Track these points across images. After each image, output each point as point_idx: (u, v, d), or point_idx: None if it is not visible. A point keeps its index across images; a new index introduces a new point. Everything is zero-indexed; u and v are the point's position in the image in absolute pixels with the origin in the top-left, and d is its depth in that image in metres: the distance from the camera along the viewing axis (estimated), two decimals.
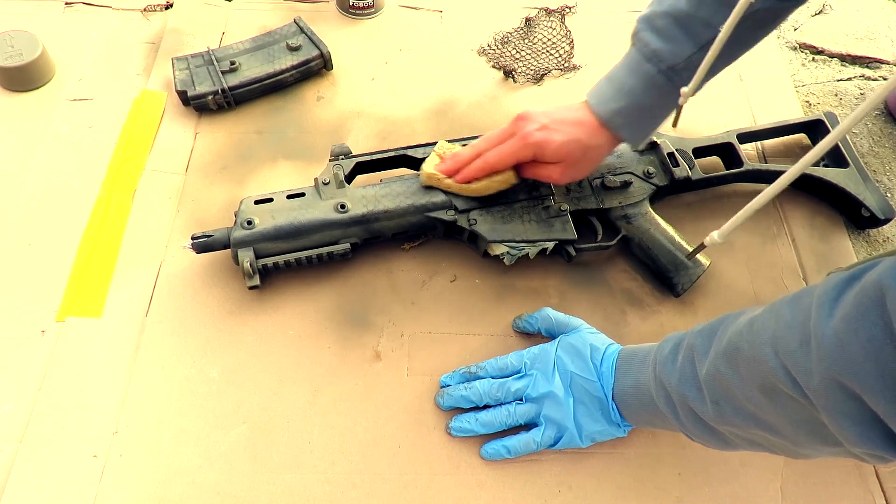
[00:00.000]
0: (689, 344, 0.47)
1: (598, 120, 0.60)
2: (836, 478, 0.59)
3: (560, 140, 0.59)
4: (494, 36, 0.88)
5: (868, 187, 0.72)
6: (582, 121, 0.60)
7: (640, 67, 0.57)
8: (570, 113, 0.61)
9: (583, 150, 0.60)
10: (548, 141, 0.59)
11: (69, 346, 0.61)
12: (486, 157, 0.62)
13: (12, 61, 0.75)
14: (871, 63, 0.91)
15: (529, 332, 0.64)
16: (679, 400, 0.47)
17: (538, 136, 0.59)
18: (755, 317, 0.42)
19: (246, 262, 0.61)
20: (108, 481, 0.56)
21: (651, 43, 0.56)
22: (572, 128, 0.60)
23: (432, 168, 0.64)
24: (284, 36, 0.81)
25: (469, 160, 0.63)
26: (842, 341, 0.34)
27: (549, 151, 0.60)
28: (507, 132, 0.62)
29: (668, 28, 0.56)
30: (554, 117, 0.60)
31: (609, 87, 0.60)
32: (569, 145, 0.59)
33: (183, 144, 0.75)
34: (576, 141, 0.60)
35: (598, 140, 0.60)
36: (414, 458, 0.58)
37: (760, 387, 0.40)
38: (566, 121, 0.60)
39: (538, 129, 0.60)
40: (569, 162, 0.61)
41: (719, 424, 0.45)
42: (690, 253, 0.58)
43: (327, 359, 0.63)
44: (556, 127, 0.60)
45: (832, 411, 0.35)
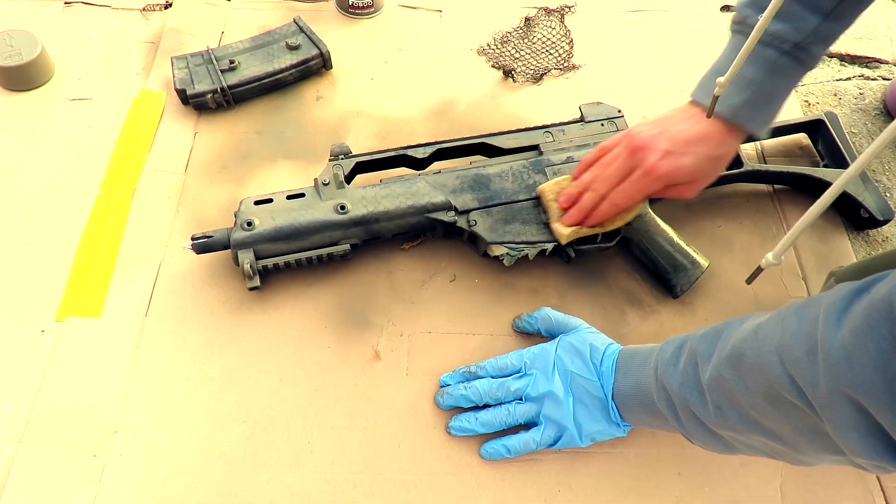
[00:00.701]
0: (692, 348, 0.47)
1: (724, 120, 0.56)
2: (836, 478, 0.59)
3: (690, 163, 0.56)
4: (494, 35, 0.88)
5: (867, 188, 0.72)
6: (706, 134, 0.56)
7: (759, 54, 0.53)
8: (687, 125, 0.56)
9: (714, 163, 0.58)
10: (677, 169, 0.56)
11: (69, 345, 0.61)
12: (613, 200, 0.59)
13: (12, 61, 0.75)
14: (871, 63, 0.91)
15: (529, 332, 0.64)
16: (680, 403, 0.47)
17: (665, 166, 0.56)
18: (760, 324, 0.42)
19: (246, 264, 0.61)
20: (108, 481, 0.56)
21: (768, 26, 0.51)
22: (698, 146, 0.56)
23: (565, 227, 0.62)
24: (284, 35, 0.81)
25: (594, 206, 0.60)
26: (850, 354, 0.34)
27: (681, 177, 0.57)
28: (626, 165, 0.58)
29: (786, 6, 0.51)
30: (674, 138, 0.56)
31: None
32: (700, 165, 0.56)
33: (182, 144, 0.75)
34: (706, 159, 0.56)
35: (728, 146, 0.57)
36: (414, 458, 0.58)
37: (764, 394, 0.40)
38: (689, 139, 0.56)
39: (661, 157, 0.56)
40: (702, 179, 0.58)
41: (721, 429, 0.45)
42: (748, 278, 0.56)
43: (327, 359, 0.63)
44: (680, 150, 0.56)
45: (837, 422, 0.35)
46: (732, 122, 0.56)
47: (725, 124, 0.56)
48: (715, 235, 0.72)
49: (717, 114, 0.56)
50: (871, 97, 0.87)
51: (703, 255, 0.66)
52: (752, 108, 0.55)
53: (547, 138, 0.70)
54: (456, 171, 0.67)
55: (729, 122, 0.56)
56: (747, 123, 0.56)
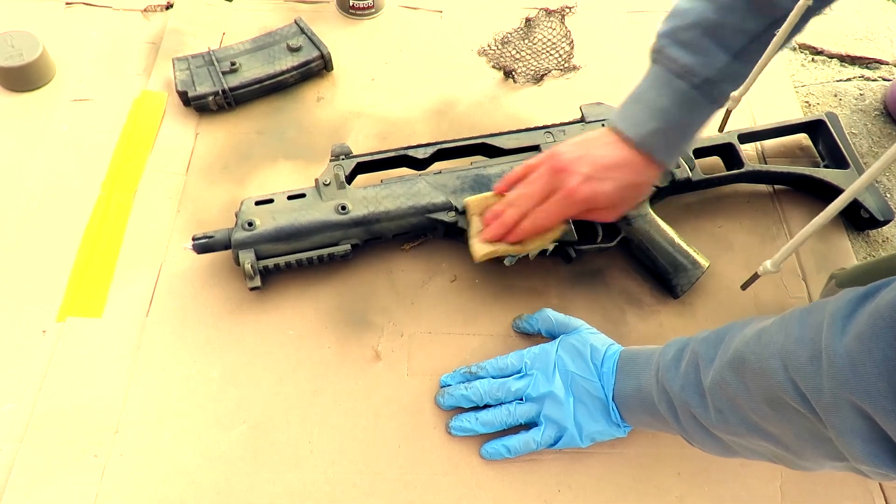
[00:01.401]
0: (694, 351, 0.47)
1: (635, 146, 0.56)
2: (836, 478, 0.59)
3: (610, 189, 0.56)
4: (494, 36, 0.88)
5: (868, 189, 0.72)
6: (624, 161, 0.56)
7: (671, 85, 0.54)
8: (608, 150, 0.57)
9: (633, 189, 0.58)
10: (596, 194, 0.56)
11: (70, 346, 0.61)
12: (534, 219, 0.59)
13: (13, 61, 0.75)
14: (871, 63, 0.91)
15: (529, 333, 0.64)
16: (681, 406, 0.47)
17: (585, 191, 0.56)
18: (764, 328, 0.42)
19: (247, 264, 0.61)
20: (108, 481, 0.56)
21: (680, 58, 0.53)
22: (618, 172, 0.56)
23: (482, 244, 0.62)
24: (285, 36, 0.81)
25: (515, 223, 0.60)
26: (854, 361, 0.33)
27: (601, 201, 0.57)
28: (547, 185, 0.58)
29: (697, 40, 0.53)
30: (595, 163, 0.56)
31: (638, 109, 0.56)
32: (619, 192, 0.57)
33: (183, 145, 0.75)
34: (627, 185, 0.57)
35: (646, 174, 0.57)
36: (414, 458, 0.58)
37: (766, 398, 0.40)
38: (608, 165, 0.56)
39: (582, 181, 0.56)
40: (620, 204, 0.59)
41: (722, 432, 0.45)
42: (744, 285, 0.57)
43: (327, 359, 0.63)
44: (601, 175, 0.56)
45: (841, 429, 0.35)
46: (640, 149, 0.56)
47: (641, 153, 0.56)
48: (715, 235, 0.72)
49: (629, 139, 0.56)
50: (871, 98, 0.87)
51: (703, 256, 0.66)
52: (660, 137, 0.56)
53: (547, 139, 0.70)
54: (457, 172, 0.67)
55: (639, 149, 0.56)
56: (655, 151, 0.56)
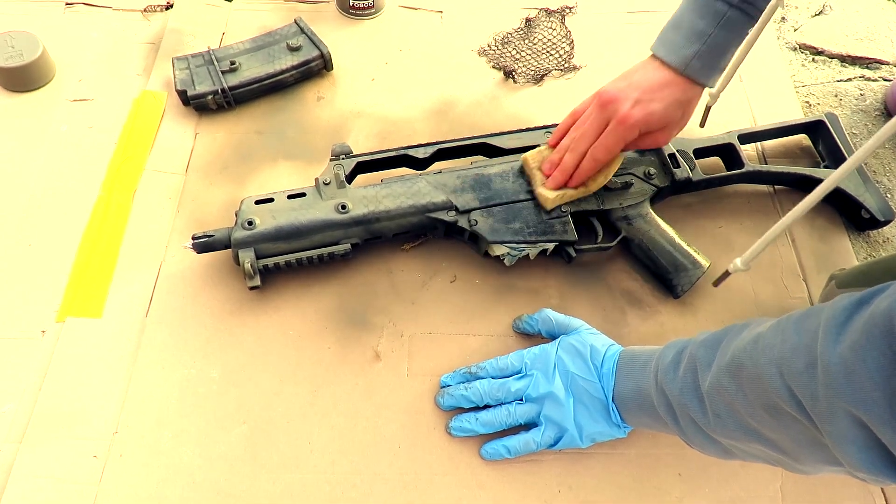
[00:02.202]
0: (692, 354, 0.47)
1: (676, 70, 0.58)
2: (836, 478, 0.59)
3: (661, 108, 0.59)
4: (494, 36, 0.88)
5: (868, 189, 0.72)
6: (669, 80, 0.59)
7: (709, 7, 0.56)
8: (652, 75, 0.59)
9: (682, 107, 0.60)
10: (650, 114, 0.59)
11: (69, 346, 0.61)
12: (593, 155, 0.61)
13: (13, 61, 0.75)
14: (871, 63, 0.91)
15: (530, 333, 0.64)
16: (680, 409, 0.47)
17: (637, 114, 0.58)
18: (761, 333, 0.41)
19: (247, 263, 0.61)
20: (108, 481, 0.56)
21: None
22: (664, 91, 0.59)
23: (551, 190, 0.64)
24: (285, 36, 0.81)
25: (575, 165, 0.62)
26: (849, 369, 0.33)
27: (653, 123, 0.59)
28: (600, 120, 0.60)
29: None
30: (640, 86, 0.59)
31: (677, 34, 0.59)
32: (669, 109, 0.59)
33: (183, 145, 0.75)
34: (674, 103, 0.59)
35: (691, 92, 0.60)
36: (414, 458, 0.58)
37: (763, 405, 0.40)
38: (654, 86, 0.59)
39: (633, 105, 0.58)
40: (672, 124, 0.61)
41: (720, 436, 0.45)
42: (715, 282, 0.59)
43: (327, 359, 0.63)
44: (648, 97, 0.59)
45: (836, 436, 0.35)
46: (683, 74, 0.59)
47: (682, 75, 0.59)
48: (715, 236, 0.72)
49: (670, 64, 0.59)
50: (871, 98, 0.87)
51: (703, 256, 0.66)
52: (701, 60, 0.58)
53: (548, 138, 0.70)
54: (457, 171, 0.67)
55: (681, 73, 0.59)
56: (697, 74, 0.59)
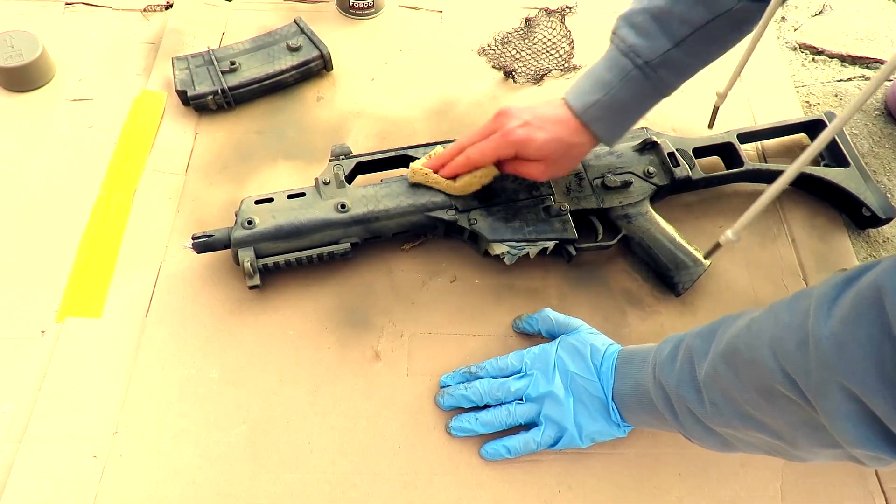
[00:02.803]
0: (689, 345, 0.47)
1: (574, 113, 0.59)
2: (836, 478, 0.59)
3: (542, 138, 0.59)
4: (494, 36, 0.88)
5: (868, 187, 0.72)
6: (562, 118, 0.60)
7: (618, 62, 0.57)
8: (551, 109, 0.60)
9: (564, 147, 0.60)
10: (530, 139, 0.59)
11: (69, 346, 0.61)
12: (467, 153, 0.62)
13: (12, 61, 0.75)
14: (871, 63, 0.91)
15: (529, 333, 0.64)
16: (678, 401, 0.47)
17: (520, 133, 0.59)
18: (753, 318, 0.42)
19: (246, 262, 0.61)
20: (108, 481, 0.55)
21: (628, 38, 0.57)
22: (553, 126, 0.59)
23: (419, 164, 0.65)
24: (284, 36, 0.81)
25: (452, 156, 0.63)
26: (840, 343, 0.34)
27: (531, 149, 0.59)
28: (489, 128, 0.61)
29: (645, 24, 0.56)
30: (536, 114, 0.60)
31: (586, 81, 0.60)
32: (550, 143, 0.59)
33: (183, 144, 0.75)
34: (557, 139, 0.59)
35: (579, 138, 0.60)
36: (414, 458, 0.58)
37: (759, 388, 0.40)
38: (548, 118, 0.60)
39: (520, 125, 0.59)
40: (551, 160, 0.61)
41: (717, 426, 0.45)
42: (707, 253, 0.59)
43: (327, 359, 0.63)
44: (538, 124, 0.59)
45: (831, 412, 0.35)
46: (579, 118, 0.59)
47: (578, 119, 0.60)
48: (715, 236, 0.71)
49: (570, 106, 0.60)
50: (871, 98, 0.87)
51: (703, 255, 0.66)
52: (600, 110, 0.59)
53: None
54: None
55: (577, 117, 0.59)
56: (592, 122, 0.59)
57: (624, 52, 0.57)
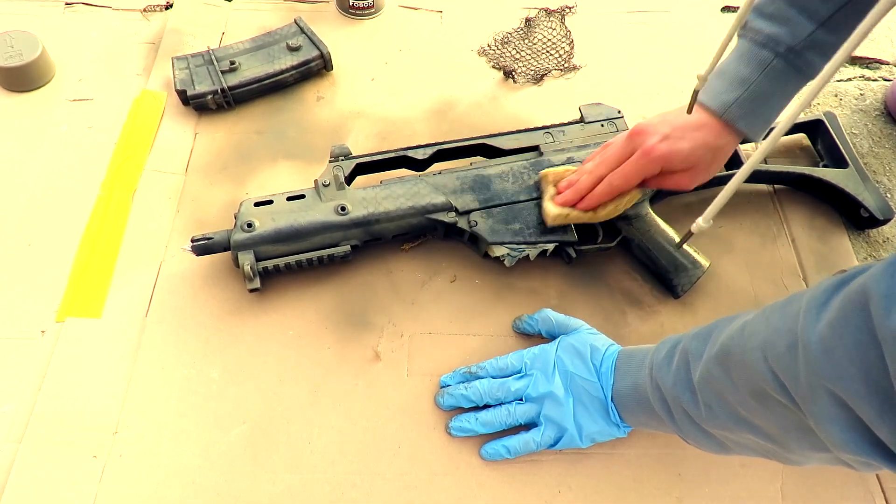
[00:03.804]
0: (685, 347, 0.47)
1: (714, 114, 0.57)
2: (836, 478, 0.59)
3: (688, 148, 0.58)
4: (494, 36, 0.88)
5: (867, 188, 0.72)
6: (703, 123, 0.58)
7: (756, 55, 0.56)
8: (686, 116, 0.58)
9: (712, 152, 0.59)
10: (674, 151, 0.58)
11: (69, 346, 0.61)
12: (610, 181, 0.60)
13: (12, 61, 0.75)
14: (871, 63, 0.91)
15: (529, 334, 0.64)
16: (674, 402, 0.47)
17: (663, 148, 0.58)
18: (747, 321, 0.42)
19: (246, 265, 0.61)
20: (108, 481, 0.56)
21: (764, 28, 0.55)
22: (696, 132, 0.58)
23: (555, 206, 0.63)
24: (284, 36, 0.81)
25: (589, 186, 0.61)
26: (827, 347, 0.33)
27: (676, 162, 0.58)
28: (626, 149, 0.60)
29: (782, 11, 0.54)
30: (673, 125, 0.58)
31: (721, 80, 0.58)
32: (697, 151, 0.58)
33: (183, 144, 0.75)
34: (703, 146, 0.58)
35: (724, 139, 0.58)
36: (414, 458, 0.58)
37: (751, 391, 0.40)
38: (687, 126, 0.58)
39: (660, 140, 0.58)
40: (699, 168, 0.59)
41: (712, 428, 0.45)
42: (679, 242, 0.58)
43: (327, 359, 0.63)
44: (678, 135, 0.58)
45: (819, 416, 0.35)
46: (721, 118, 0.58)
47: (720, 120, 0.58)
48: (715, 236, 0.72)
49: (709, 108, 0.58)
50: (871, 98, 0.87)
51: (703, 256, 0.66)
52: (742, 108, 0.57)
53: (547, 139, 0.70)
54: (456, 172, 0.67)
55: (718, 117, 0.58)
56: (737, 121, 0.57)
57: (762, 43, 0.55)
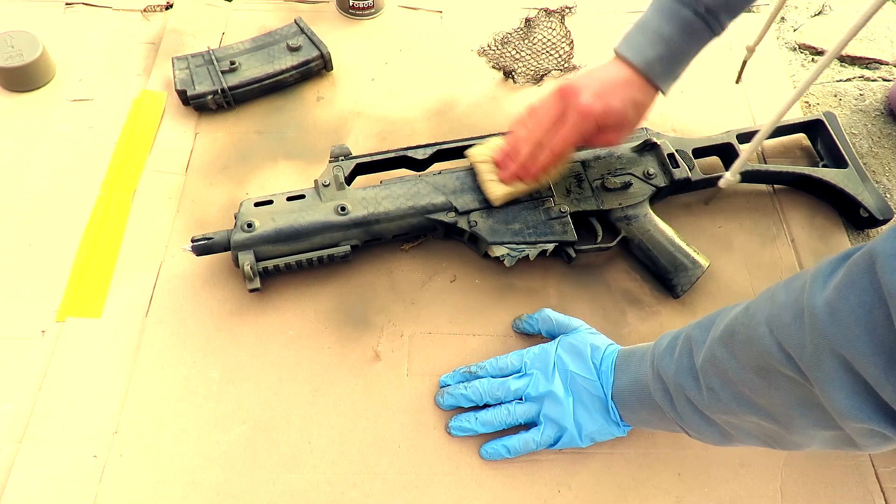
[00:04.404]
0: (688, 335, 0.48)
1: (638, 70, 0.59)
2: (836, 478, 0.59)
3: (619, 105, 0.59)
4: (494, 36, 0.88)
5: (867, 188, 0.73)
6: (629, 79, 0.59)
7: (677, 13, 0.57)
8: (613, 72, 0.59)
9: (638, 109, 0.60)
10: (608, 108, 0.58)
11: (69, 346, 0.61)
12: (551, 147, 0.60)
13: (12, 61, 0.75)
14: (871, 64, 0.91)
15: (529, 333, 0.64)
16: (675, 390, 0.48)
17: (598, 106, 0.58)
18: (751, 302, 0.43)
19: (246, 266, 0.61)
20: (108, 481, 0.56)
21: None
22: (624, 89, 0.59)
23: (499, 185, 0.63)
24: (284, 36, 0.81)
25: (529, 155, 0.61)
26: (833, 309, 0.34)
27: (611, 119, 0.59)
28: (558, 109, 0.60)
29: None
30: (602, 80, 0.59)
31: (641, 36, 0.59)
32: (627, 108, 0.59)
33: (183, 145, 0.75)
34: (631, 102, 0.59)
35: (647, 95, 0.60)
36: (414, 458, 0.58)
37: (756, 368, 0.41)
38: (615, 82, 0.59)
39: (593, 98, 0.58)
40: (627, 124, 0.61)
41: (715, 413, 0.46)
42: (707, 199, 0.59)
43: (327, 359, 0.63)
44: (609, 91, 0.58)
45: (825, 383, 0.35)
46: (643, 75, 0.59)
47: (642, 76, 0.59)
48: (715, 236, 0.72)
49: (633, 64, 0.59)
50: (871, 98, 0.87)
51: (703, 255, 0.66)
52: (662, 64, 0.59)
53: None
54: (456, 173, 0.67)
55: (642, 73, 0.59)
56: (656, 77, 0.59)
57: (683, 2, 0.57)
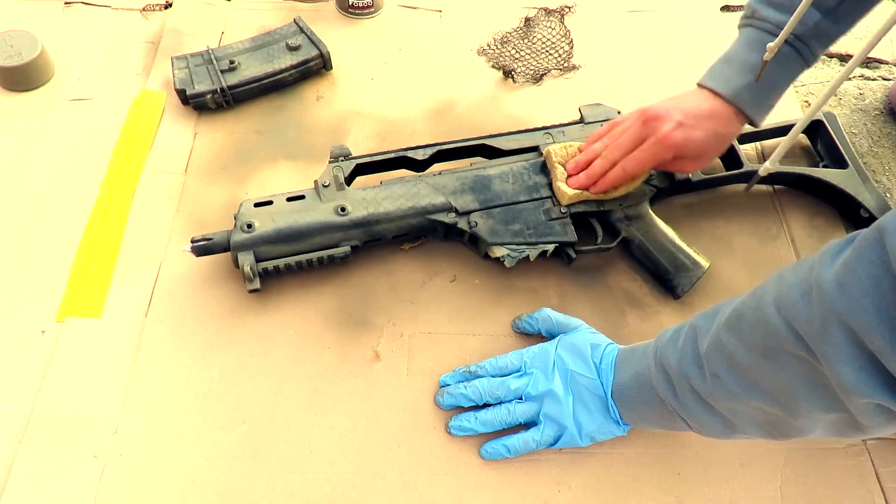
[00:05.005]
0: (692, 325, 0.49)
1: (725, 100, 0.59)
2: (836, 478, 0.59)
3: (701, 136, 0.59)
4: (494, 36, 0.88)
5: (867, 188, 0.72)
6: (715, 111, 0.60)
7: (762, 41, 0.57)
8: (698, 102, 0.60)
9: (720, 141, 0.61)
10: (689, 140, 0.59)
11: (69, 346, 0.61)
12: (624, 166, 0.62)
13: (12, 61, 0.75)
14: (871, 63, 0.91)
15: (529, 333, 0.64)
16: (679, 380, 0.48)
17: (678, 136, 0.59)
18: (758, 287, 0.43)
19: (246, 266, 0.61)
20: (108, 481, 0.56)
21: (772, 17, 0.57)
22: (707, 121, 0.59)
23: (568, 187, 0.65)
24: (284, 36, 0.81)
25: (603, 173, 0.63)
26: (841, 282, 0.35)
27: (690, 149, 0.60)
28: (639, 134, 0.61)
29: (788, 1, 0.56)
30: (685, 111, 0.60)
31: (729, 67, 0.60)
32: (708, 140, 0.60)
33: (182, 144, 0.75)
34: (714, 135, 0.60)
35: (733, 126, 0.61)
36: (414, 458, 0.58)
37: (762, 350, 0.41)
38: (700, 114, 0.60)
39: (675, 128, 0.59)
40: (707, 155, 0.62)
41: (718, 401, 0.46)
42: (748, 186, 0.61)
43: (327, 359, 0.63)
44: (692, 123, 0.59)
45: (832, 357, 0.36)
46: (732, 104, 0.59)
47: (730, 106, 0.60)
48: (715, 236, 0.72)
49: (720, 94, 0.60)
50: (871, 97, 0.87)
51: (703, 256, 0.66)
52: (751, 93, 0.59)
53: (547, 139, 0.70)
54: (456, 173, 0.67)
55: (730, 103, 0.59)
56: (747, 107, 0.60)
57: (770, 31, 0.57)
